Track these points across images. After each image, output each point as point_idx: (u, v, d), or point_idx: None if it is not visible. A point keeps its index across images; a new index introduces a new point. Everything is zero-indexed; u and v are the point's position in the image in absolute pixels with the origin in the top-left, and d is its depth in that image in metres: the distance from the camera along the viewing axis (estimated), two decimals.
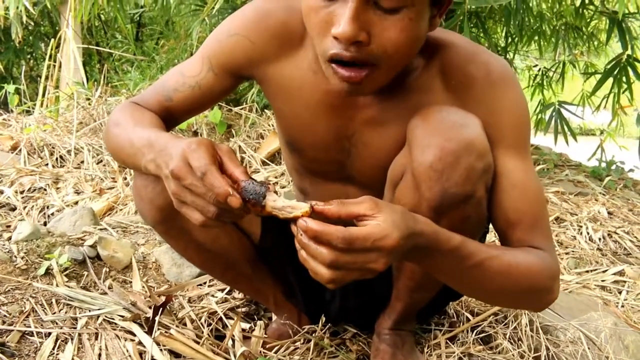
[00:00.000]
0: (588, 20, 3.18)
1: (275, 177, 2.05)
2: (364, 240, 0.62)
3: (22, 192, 1.96)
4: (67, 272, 1.21)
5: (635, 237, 1.98)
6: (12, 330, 1.00)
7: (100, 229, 1.48)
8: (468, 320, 1.20)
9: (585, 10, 3.02)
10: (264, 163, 2.15)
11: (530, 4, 2.93)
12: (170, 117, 0.91)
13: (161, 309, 1.06)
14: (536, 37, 3.13)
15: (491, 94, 0.80)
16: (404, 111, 0.83)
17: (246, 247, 0.98)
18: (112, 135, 0.84)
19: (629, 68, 2.47)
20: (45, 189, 2.07)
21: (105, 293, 1.16)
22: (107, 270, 1.28)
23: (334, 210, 0.63)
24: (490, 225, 0.87)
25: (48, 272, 1.18)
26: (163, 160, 0.68)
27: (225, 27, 0.90)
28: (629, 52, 2.44)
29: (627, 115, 3.41)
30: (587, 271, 1.68)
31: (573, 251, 1.81)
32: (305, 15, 0.74)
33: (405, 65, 0.77)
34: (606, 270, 1.66)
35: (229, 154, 0.67)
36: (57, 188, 2.12)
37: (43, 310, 1.07)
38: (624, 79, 2.53)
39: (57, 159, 2.32)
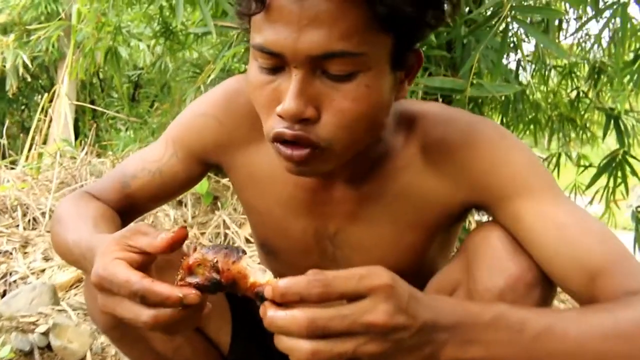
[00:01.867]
0: (582, 112, 3.22)
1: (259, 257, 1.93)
2: (345, 278, 0.47)
3: None
4: None
5: None
6: None
7: (59, 310, 1.34)
8: None
9: (579, 104, 3.06)
10: (247, 241, 2.04)
11: (527, 92, 2.97)
12: (130, 207, 0.81)
13: None
14: (531, 126, 3.14)
15: (476, 155, 0.69)
16: (391, 202, 0.73)
17: (214, 359, 0.85)
18: (54, 235, 0.74)
19: (624, 164, 2.45)
20: (11, 253, 1.94)
21: None
22: None
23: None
24: None
25: None
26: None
27: (192, 108, 0.82)
28: (624, 148, 2.43)
29: (619, 209, 3.39)
30: None
31: None
32: (251, 93, 0.65)
33: (367, 141, 0.66)
34: None
35: (140, 233, 0.55)
36: (25, 252, 1.98)
37: None
38: (619, 174, 2.51)
39: (29, 220, 2.19)
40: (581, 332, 0.53)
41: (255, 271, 0.52)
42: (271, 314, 0.48)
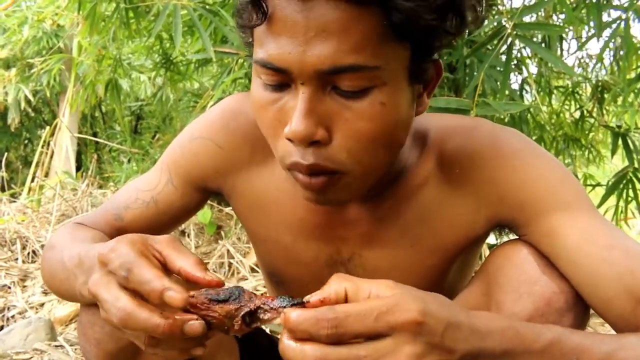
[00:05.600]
0: (587, 132, 3.19)
1: (264, 287, 1.87)
2: (360, 316, 0.42)
3: None
4: None
5: None
6: None
7: (56, 346, 1.28)
8: None
9: (583, 123, 3.03)
10: (252, 270, 1.99)
11: (531, 111, 2.95)
12: None
13: None
14: None
15: (504, 167, 0.64)
16: (408, 223, 0.68)
17: None
18: (44, 262, 0.69)
19: (635, 181, 2.41)
20: (9, 287, 1.89)
21: None
22: None
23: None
24: None
25: None
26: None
27: (188, 131, 0.76)
28: (634, 165, 2.40)
29: (630, 228, 3.33)
30: None
31: None
32: (255, 113, 0.59)
33: (388, 163, 0.61)
34: None
35: (171, 245, 0.52)
36: (24, 286, 1.94)
37: None
38: (630, 192, 2.46)
39: (29, 253, 2.15)
40: None
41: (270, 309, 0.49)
42: (284, 343, 0.44)
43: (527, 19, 1.79)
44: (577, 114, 3.00)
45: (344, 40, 0.50)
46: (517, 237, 0.66)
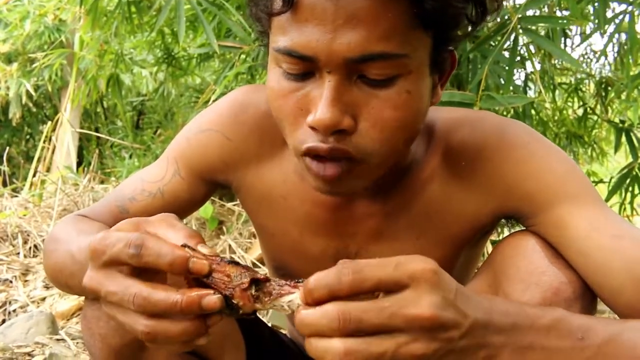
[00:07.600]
0: (590, 129, 3.18)
1: None
2: (379, 266, 0.42)
3: None
4: None
5: None
6: None
7: (58, 340, 1.28)
8: None
9: (586, 121, 3.02)
10: (254, 265, 1.98)
11: (534, 105, 2.93)
12: None
13: None
14: None
15: (511, 159, 0.63)
16: (416, 217, 0.68)
17: None
18: (49, 254, 0.67)
19: None
20: (11, 281, 1.89)
21: None
22: None
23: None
24: None
25: None
26: None
27: (195, 123, 0.75)
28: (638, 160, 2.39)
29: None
30: None
31: None
32: (272, 102, 0.58)
33: (403, 153, 0.61)
34: None
35: (165, 223, 0.50)
36: (26, 281, 1.94)
37: None
38: (636, 189, 2.45)
39: (30, 248, 2.15)
40: None
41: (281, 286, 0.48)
42: (301, 314, 0.43)
43: (530, 14, 1.77)
44: (580, 111, 2.99)
45: (373, 28, 0.50)
46: (524, 228, 0.66)
